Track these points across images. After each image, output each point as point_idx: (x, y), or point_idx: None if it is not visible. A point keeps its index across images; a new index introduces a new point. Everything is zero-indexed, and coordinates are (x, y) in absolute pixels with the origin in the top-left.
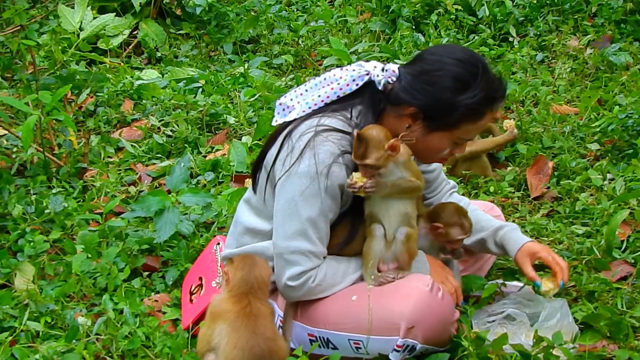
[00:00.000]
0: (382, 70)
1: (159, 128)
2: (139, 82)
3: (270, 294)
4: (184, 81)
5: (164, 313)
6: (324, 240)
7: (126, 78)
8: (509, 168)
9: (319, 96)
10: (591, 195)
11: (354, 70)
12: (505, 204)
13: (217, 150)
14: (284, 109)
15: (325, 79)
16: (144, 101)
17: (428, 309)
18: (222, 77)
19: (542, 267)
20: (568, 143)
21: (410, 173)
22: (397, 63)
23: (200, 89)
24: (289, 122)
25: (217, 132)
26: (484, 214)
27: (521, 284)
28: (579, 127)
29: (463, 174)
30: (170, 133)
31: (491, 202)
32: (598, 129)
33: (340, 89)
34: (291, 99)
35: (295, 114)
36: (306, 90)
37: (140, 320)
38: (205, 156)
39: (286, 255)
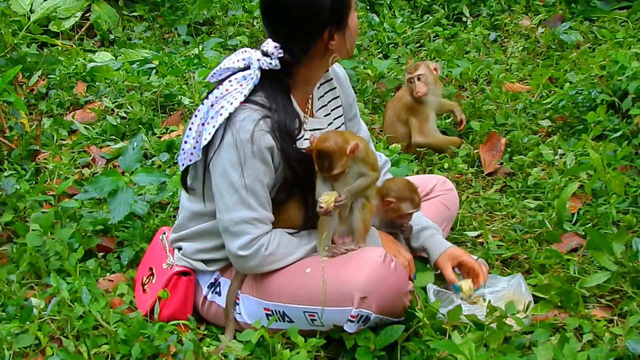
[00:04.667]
0: (264, 54)
1: (112, 110)
2: (92, 64)
3: (223, 272)
4: (138, 63)
5: (122, 295)
6: (265, 205)
7: (79, 60)
8: (463, 144)
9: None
10: (543, 170)
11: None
12: (459, 180)
13: (172, 131)
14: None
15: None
16: (97, 83)
17: (381, 278)
18: (176, 58)
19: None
20: (520, 120)
21: (368, 166)
22: None
23: (154, 70)
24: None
25: (171, 113)
26: None
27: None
28: (530, 104)
29: (417, 151)
30: (124, 115)
31: (446, 176)
32: (549, 106)
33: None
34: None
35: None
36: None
37: (95, 298)
38: (160, 137)
39: (232, 227)
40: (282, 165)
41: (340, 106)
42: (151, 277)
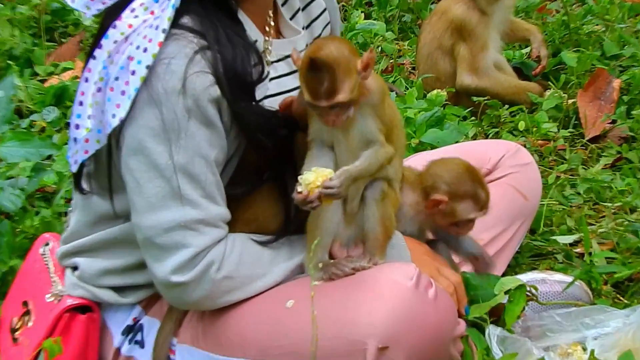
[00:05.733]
0: None
1: None
2: None
3: (147, 307)
4: None
5: None
6: (216, 196)
7: None
8: (548, 91)
9: None
10: None
11: None
12: (543, 150)
13: (66, 69)
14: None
15: None
16: None
17: (412, 315)
18: None
19: None
20: None
21: (382, 124)
22: None
23: None
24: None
25: (63, 41)
26: None
27: (569, 278)
28: None
29: (474, 101)
30: None
31: (522, 144)
32: None
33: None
34: None
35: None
36: None
37: None
38: (44, 81)
39: (159, 238)
40: (235, 131)
41: (325, 10)
42: (27, 318)
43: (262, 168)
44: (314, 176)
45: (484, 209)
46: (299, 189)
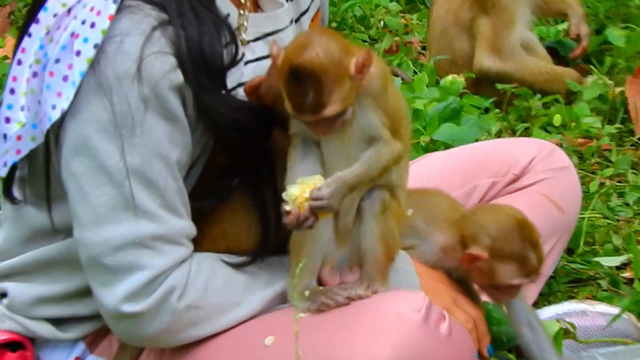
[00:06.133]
0: None
1: None
2: None
3: (93, 344)
4: None
5: None
6: (178, 207)
7: None
8: (590, 77)
9: None
10: None
11: None
12: (583, 150)
13: None
14: None
15: None
16: None
17: (421, 356)
18: None
19: None
20: None
21: (385, 116)
22: None
23: None
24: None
25: None
26: None
27: (615, 310)
28: None
29: (498, 90)
30: None
31: (558, 144)
32: None
33: None
34: None
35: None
36: None
37: None
38: None
39: (108, 258)
40: (202, 127)
41: None
42: None
43: (232, 172)
44: (300, 189)
45: (533, 275)
46: (287, 207)
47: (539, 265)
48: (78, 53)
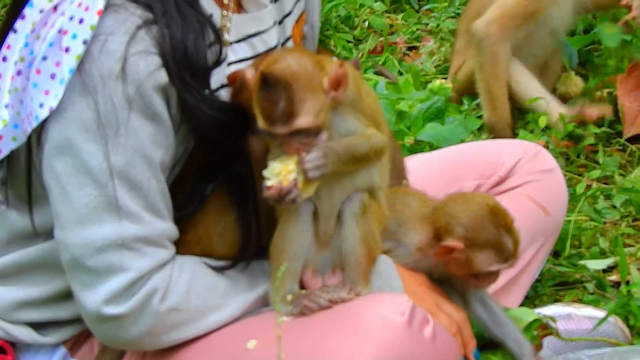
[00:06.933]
0: None
1: None
2: None
3: (74, 348)
4: None
5: None
6: (161, 208)
7: None
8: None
9: None
10: None
11: None
12: (569, 151)
13: None
14: None
15: None
16: None
17: (405, 358)
18: None
19: None
20: None
21: (365, 118)
22: None
23: None
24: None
25: None
26: None
27: (601, 313)
28: None
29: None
30: None
31: (544, 145)
32: None
33: None
34: None
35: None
36: None
37: None
38: None
39: (90, 259)
40: (186, 128)
41: None
42: None
43: (211, 175)
44: (284, 164)
45: (510, 260)
46: (269, 183)
47: (516, 249)
48: (67, 50)
